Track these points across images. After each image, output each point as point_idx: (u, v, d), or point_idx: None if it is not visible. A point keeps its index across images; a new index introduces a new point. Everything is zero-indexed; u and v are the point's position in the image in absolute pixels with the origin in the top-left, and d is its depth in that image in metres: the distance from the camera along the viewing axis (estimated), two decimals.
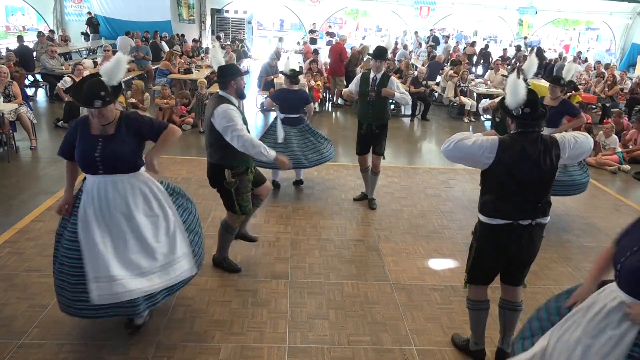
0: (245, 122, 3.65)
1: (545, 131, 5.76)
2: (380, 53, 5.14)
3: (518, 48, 18.09)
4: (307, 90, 7.08)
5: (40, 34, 13.41)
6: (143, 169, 3.01)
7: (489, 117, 5.38)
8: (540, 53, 16.66)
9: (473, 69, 16.04)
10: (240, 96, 3.73)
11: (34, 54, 11.86)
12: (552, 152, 2.80)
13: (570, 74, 5.47)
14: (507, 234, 2.88)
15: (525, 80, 4.17)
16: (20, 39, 12.10)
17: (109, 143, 2.83)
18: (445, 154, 2.86)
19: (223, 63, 3.77)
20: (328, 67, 11.94)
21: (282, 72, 6.18)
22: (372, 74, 5.17)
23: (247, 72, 4.34)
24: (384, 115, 5.35)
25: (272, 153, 3.62)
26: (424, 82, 11.29)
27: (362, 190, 5.90)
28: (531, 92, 2.77)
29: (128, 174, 2.93)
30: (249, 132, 3.59)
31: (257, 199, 4.12)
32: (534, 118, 2.75)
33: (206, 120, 3.69)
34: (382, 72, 5.18)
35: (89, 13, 16.56)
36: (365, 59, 11.89)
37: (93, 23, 16.51)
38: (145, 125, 2.96)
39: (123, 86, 2.76)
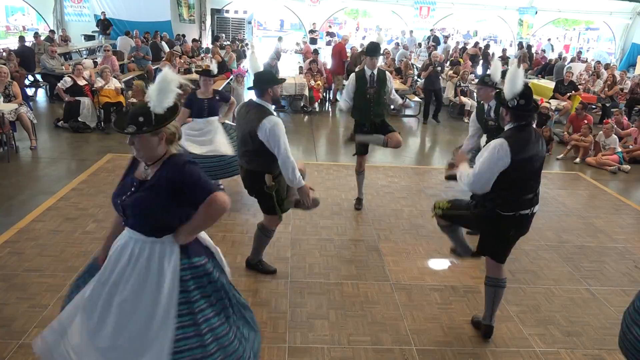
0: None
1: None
2: (373, 49, 5.09)
3: (520, 45, 18.18)
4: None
5: (36, 35, 13.41)
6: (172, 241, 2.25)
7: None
8: (529, 51, 17.02)
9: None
10: (275, 102, 3.75)
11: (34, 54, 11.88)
12: (543, 142, 3.06)
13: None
14: (503, 221, 3.06)
15: (494, 85, 4.28)
16: (22, 39, 12.08)
17: (139, 189, 2.17)
18: (474, 190, 3.06)
19: (260, 69, 3.74)
20: (329, 66, 12.07)
21: (196, 71, 5.92)
22: (367, 71, 5.13)
23: (283, 80, 4.22)
24: (384, 111, 5.32)
25: (302, 182, 3.61)
26: (438, 68, 11.06)
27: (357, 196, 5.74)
28: (527, 87, 2.95)
29: (149, 237, 2.20)
30: None
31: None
32: (528, 110, 2.92)
33: (246, 129, 3.60)
34: (377, 68, 5.14)
35: (103, 14, 16.48)
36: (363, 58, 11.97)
37: (104, 24, 16.45)
38: (188, 179, 2.12)
39: (174, 113, 2.18)
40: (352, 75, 5.29)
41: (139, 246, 2.20)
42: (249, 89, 3.78)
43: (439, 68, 10.87)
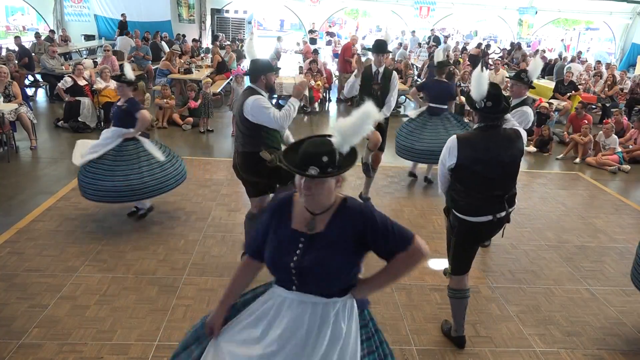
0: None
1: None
2: (380, 47, 5.06)
3: (518, 46, 18.12)
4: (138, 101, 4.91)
5: (37, 35, 13.40)
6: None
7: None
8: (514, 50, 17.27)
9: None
10: (270, 90, 3.79)
11: (33, 54, 11.86)
12: (515, 145, 2.96)
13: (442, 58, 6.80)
14: (485, 228, 3.05)
15: (530, 82, 4.23)
16: (17, 39, 11.98)
17: (314, 246, 1.84)
18: (441, 186, 3.22)
19: (256, 57, 3.80)
20: (328, 66, 12.18)
21: (112, 77, 5.34)
22: (373, 68, 5.10)
23: (278, 69, 4.17)
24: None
25: (297, 102, 3.72)
26: (453, 69, 10.81)
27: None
28: (494, 87, 2.91)
29: (327, 298, 1.86)
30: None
31: None
32: (495, 112, 2.87)
33: (237, 112, 3.74)
34: (384, 65, 5.12)
35: (123, 15, 16.40)
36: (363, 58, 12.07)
37: (124, 25, 16.35)
38: (382, 228, 1.81)
39: (356, 154, 1.85)
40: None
41: (321, 311, 1.85)
42: (245, 74, 3.84)
43: (455, 69, 10.70)
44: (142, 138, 4.79)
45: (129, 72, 4.71)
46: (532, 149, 8.54)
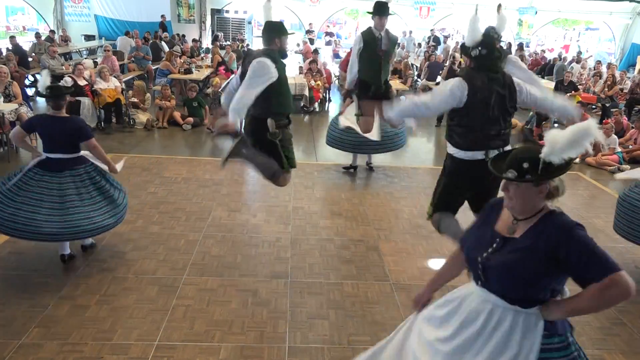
0: (286, 81, 3.66)
1: None
2: (382, 8, 4.82)
3: (520, 47, 18.11)
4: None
5: (37, 35, 13.42)
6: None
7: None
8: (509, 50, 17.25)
9: None
10: (282, 56, 3.73)
11: (33, 54, 11.87)
12: (510, 87, 3.10)
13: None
14: (475, 169, 3.16)
15: (498, 37, 4.24)
16: (12, 39, 11.94)
17: (505, 249, 1.86)
18: (417, 115, 3.21)
19: (272, 19, 3.75)
20: (328, 67, 12.17)
21: (38, 94, 4.52)
22: (376, 32, 4.93)
23: (292, 33, 4.04)
24: (389, 69, 5.34)
25: (235, 117, 3.38)
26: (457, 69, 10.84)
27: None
28: (487, 36, 3.08)
29: (511, 305, 1.83)
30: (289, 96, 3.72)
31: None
32: (490, 59, 3.03)
33: (245, 71, 3.60)
34: (385, 29, 4.94)
35: (163, 16, 16.36)
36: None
37: (164, 27, 16.32)
38: (577, 248, 1.74)
39: (565, 168, 1.85)
40: (359, 36, 5.00)
41: (499, 314, 1.85)
42: (260, 36, 3.78)
43: (459, 69, 10.67)
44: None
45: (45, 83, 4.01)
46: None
